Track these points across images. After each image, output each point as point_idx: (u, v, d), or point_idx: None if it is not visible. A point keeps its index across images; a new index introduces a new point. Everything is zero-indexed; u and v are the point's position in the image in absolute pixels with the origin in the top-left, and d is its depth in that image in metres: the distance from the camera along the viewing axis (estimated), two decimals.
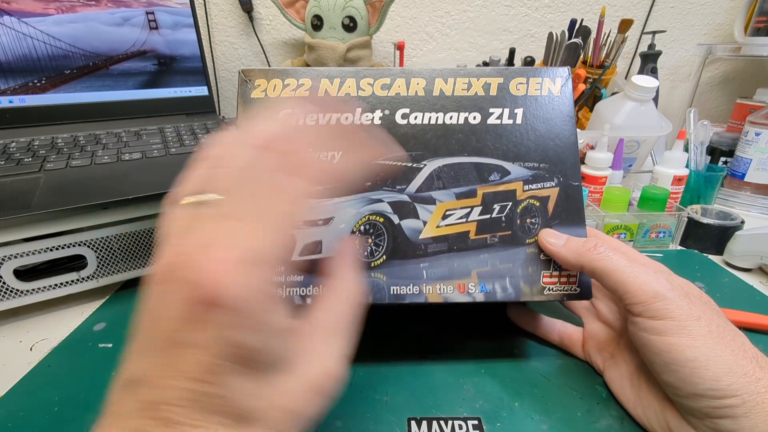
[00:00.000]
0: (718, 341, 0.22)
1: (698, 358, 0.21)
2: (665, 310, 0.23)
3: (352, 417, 0.27)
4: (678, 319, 0.23)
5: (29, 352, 0.33)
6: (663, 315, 0.23)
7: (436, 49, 0.86)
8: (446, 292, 0.28)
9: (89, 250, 0.38)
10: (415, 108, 0.29)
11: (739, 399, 0.20)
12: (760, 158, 0.60)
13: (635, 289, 0.24)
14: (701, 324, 0.22)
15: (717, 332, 0.22)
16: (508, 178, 0.29)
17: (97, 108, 0.57)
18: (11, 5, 0.51)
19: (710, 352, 0.21)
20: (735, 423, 0.20)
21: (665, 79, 0.90)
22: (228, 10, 0.79)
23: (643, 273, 0.24)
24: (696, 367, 0.21)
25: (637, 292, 0.24)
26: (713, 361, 0.21)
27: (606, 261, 0.25)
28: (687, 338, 0.22)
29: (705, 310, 0.23)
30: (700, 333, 0.22)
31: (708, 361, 0.21)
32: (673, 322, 0.23)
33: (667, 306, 0.23)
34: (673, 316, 0.23)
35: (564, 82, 0.30)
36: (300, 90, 0.29)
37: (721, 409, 0.21)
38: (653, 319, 0.23)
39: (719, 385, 0.21)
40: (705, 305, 0.24)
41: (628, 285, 0.24)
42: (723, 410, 0.21)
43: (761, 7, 0.70)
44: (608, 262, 0.25)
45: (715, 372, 0.21)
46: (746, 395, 0.20)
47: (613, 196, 0.49)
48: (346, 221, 0.28)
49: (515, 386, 0.29)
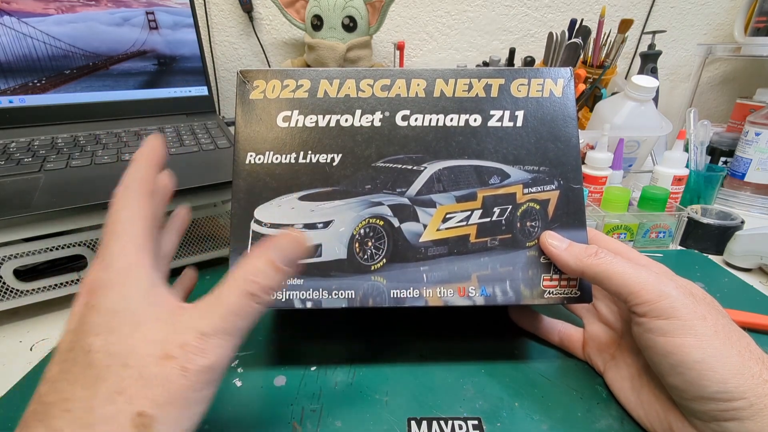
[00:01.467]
0: (725, 342, 0.22)
1: (705, 359, 0.21)
2: (671, 309, 0.23)
3: (352, 417, 0.27)
4: (684, 319, 0.22)
5: (29, 352, 0.33)
6: (669, 314, 0.23)
7: (436, 49, 0.86)
8: (446, 296, 0.28)
9: (89, 250, 0.38)
10: (416, 110, 0.29)
11: (747, 402, 0.20)
12: (760, 158, 0.60)
13: (639, 289, 0.24)
14: (707, 324, 0.22)
15: (723, 333, 0.22)
16: (508, 181, 0.29)
17: (97, 108, 0.57)
18: (11, 5, 0.51)
19: (717, 354, 0.21)
20: (741, 425, 0.20)
21: (665, 79, 0.90)
22: (228, 10, 0.79)
23: (646, 273, 0.24)
24: (703, 370, 0.21)
25: (641, 292, 0.24)
26: (720, 363, 0.21)
27: (607, 265, 0.25)
28: (693, 338, 0.22)
29: (710, 309, 0.23)
30: (706, 333, 0.22)
31: (715, 363, 0.21)
32: (679, 322, 0.22)
33: (673, 304, 0.23)
34: (679, 315, 0.22)
35: (566, 83, 0.30)
36: (299, 91, 0.29)
37: (727, 412, 0.21)
38: (659, 319, 0.23)
39: (727, 387, 0.20)
40: (709, 305, 0.24)
41: (632, 286, 0.24)
42: (729, 413, 0.20)
43: (761, 7, 0.70)
44: (609, 265, 0.25)
45: (722, 374, 0.21)
46: (753, 398, 0.20)
47: (613, 196, 0.49)
48: (345, 224, 0.28)
49: (515, 386, 0.29)
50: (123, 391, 0.17)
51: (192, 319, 0.19)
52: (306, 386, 0.29)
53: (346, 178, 0.28)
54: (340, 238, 0.28)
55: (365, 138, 0.29)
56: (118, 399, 0.17)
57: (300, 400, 0.28)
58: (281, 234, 0.21)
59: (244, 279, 0.20)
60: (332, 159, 0.28)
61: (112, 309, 0.19)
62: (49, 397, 0.17)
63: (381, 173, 0.29)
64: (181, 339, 0.18)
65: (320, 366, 0.31)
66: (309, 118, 0.29)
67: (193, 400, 0.18)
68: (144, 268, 0.20)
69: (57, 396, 0.17)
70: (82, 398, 0.17)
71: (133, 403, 0.17)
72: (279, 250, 0.21)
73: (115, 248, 0.20)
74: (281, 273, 0.21)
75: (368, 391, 0.29)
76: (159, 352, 0.18)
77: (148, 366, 0.17)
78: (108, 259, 0.20)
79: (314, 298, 0.27)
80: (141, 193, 0.22)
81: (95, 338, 0.18)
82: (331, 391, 0.29)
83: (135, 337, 0.18)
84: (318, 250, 0.28)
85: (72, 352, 0.18)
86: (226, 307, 0.19)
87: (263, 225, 0.28)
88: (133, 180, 0.23)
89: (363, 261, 0.28)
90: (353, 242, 0.28)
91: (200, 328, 0.18)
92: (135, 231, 0.21)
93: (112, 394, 0.17)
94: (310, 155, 0.28)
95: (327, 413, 0.27)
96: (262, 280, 0.20)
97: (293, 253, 0.21)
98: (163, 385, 0.17)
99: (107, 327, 0.18)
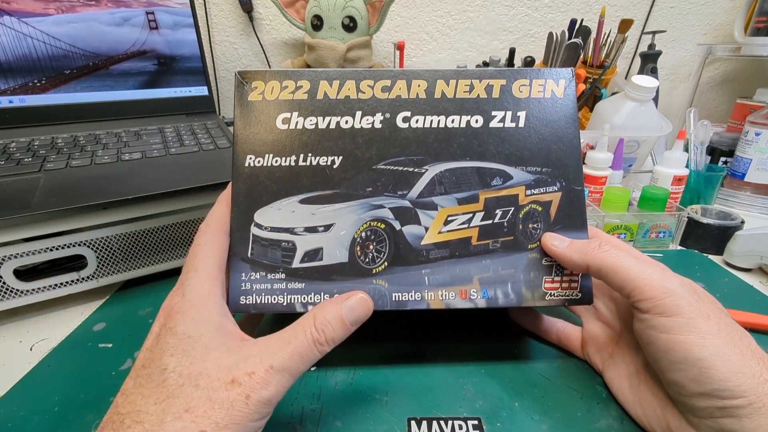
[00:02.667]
0: (728, 341, 0.22)
1: (707, 357, 0.21)
2: (675, 306, 0.23)
3: (352, 417, 0.27)
4: (687, 317, 0.22)
5: (29, 352, 0.33)
6: (672, 311, 0.22)
7: (436, 49, 0.86)
8: (448, 298, 0.28)
9: (89, 250, 0.38)
10: (417, 111, 0.29)
11: (746, 400, 0.20)
12: (760, 158, 0.60)
13: (644, 285, 0.23)
14: (710, 323, 0.22)
15: (726, 331, 0.22)
16: (510, 182, 0.29)
17: (97, 108, 0.57)
18: (11, 5, 0.51)
19: (719, 352, 0.21)
20: (738, 423, 0.20)
21: (665, 79, 0.90)
22: (228, 10, 0.79)
23: (651, 269, 0.24)
24: (704, 367, 0.21)
25: (645, 288, 0.23)
26: (722, 362, 0.21)
27: (612, 258, 0.25)
28: (696, 336, 0.22)
29: (713, 308, 0.23)
30: (709, 332, 0.22)
31: (717, 361, 0.21)
32: (682, 320, 0.22)
33: (677, 302, 0.23)
34: (683, 313, 0.22)
35: (567, 83, 0.30)
36: (298, 92, 0.29)
37: (725, 409, 0.21)
38: (662, 316, 0.23)
39: (727, 385, 0.21)
40: (712, 304, 0.24)
41: (637, 281, 0.24)
42: (728, 410, 0.21)
43: (761, 7, 0.70)
44: (615, 259, 0.25)
45: (723, 373, 0.21)
46: (753, 396, 0.20)
47: (613, 196, 0.49)
48: (347, 228, 0.28)
49: (515, 386, 0.29)
50: (191, 410, 0.19)
51: (261, 352, 0.21)
52: (306, 386, 0.29)
53: (347, 181, 0.28)
54: (342, 242, 0.27)
55: (366, 140, 0.29)
56: (186, 416, 0.18)
57: (300, 400, 0.28)
58: (354, 295, 0.24)
59: (314, 327, 0.22)
60: (332, 161, 0.28)
61: (187, 333, 0.21)
62: (123, 408, 0.19)
63: (382, 176, 0.28)
64: (250, 368, 0.20)
65: (320, 366, 0.31)
66: (309, 120, 0.29)
67: (248, 429, 0.19)
68: (215, 298, 0.23)
69: (131, 408, 0.19)
70: (154, 412, 0.19)
71: (198, 423, 0.18)
72: (349, 308, 0.23)
73: (193, 279, 0.23)
74: (346, 330, 0.23)
75: (368, 391, 0.29)
76: (227, 378, 0.19)
77: (217, 390, 0.19)
78: (185, 288, 0.23)
79: (316, 302, 0.27)
80: (218, 232, 0.26)
81: (170, 359, 0.20)
82: (331, 391, 0.29)
83: (207, 361, 0.20)
84: (319, 254, 0.27)
85: (147, 369, 0.20)
86: (294, 348, 0.21)
87: (263, 229, 0.27)
88: (214, 219, 0.27)
89: (364, 264, 0.27)
90: (354, 246, 0.28)
91: (269, 362, 0.20)
92: (210, 265, 0.24)
93: (181, 411, 0.18)
94: (310, 158, 0.28)
95: (327, 413, 0.27)
96: (329, 332, 0.22)
97: (361, 313, 0.24)
98: (227, 410, 0.19)
99: (182, 349, 0.20)
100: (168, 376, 0.20)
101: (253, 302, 0.27)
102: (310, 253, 0.27)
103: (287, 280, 0.27)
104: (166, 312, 0.22)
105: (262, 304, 0.27)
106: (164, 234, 0.41)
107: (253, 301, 0.27)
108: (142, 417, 0.18)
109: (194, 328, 0.21)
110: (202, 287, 0.23)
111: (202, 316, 0.22)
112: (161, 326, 0.22)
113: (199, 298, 0.22)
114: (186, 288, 0.23)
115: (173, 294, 0.23)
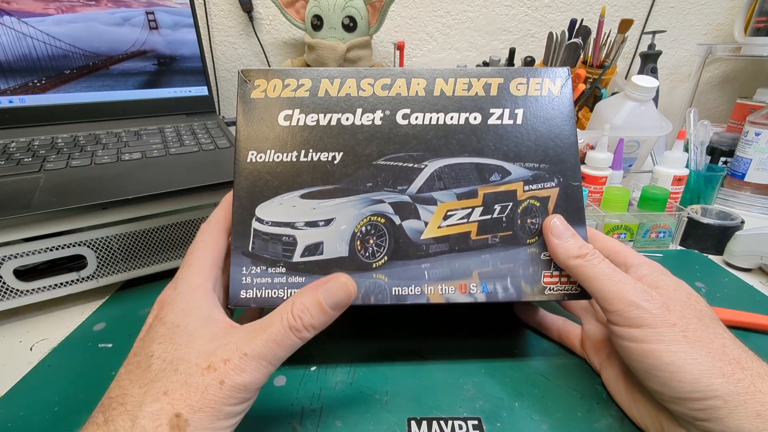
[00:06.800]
0: (693, 344, 0.22)
1: (675, 362, 0.22)
2: (639, 319, 0.23)
3: (352, 417, 0.27)
4: (652, 327, 0.23)
5: (29, 352, 0.33)
6: (637, 323, 0.23)
7: (436, 49, 0.86)
8: (448, 293, 0.28)
9: (89, 250, 0.38)
10: (416, 108, 0.29)
11: (721, 400, 0.21)
12: (760, 158, 0.60)
13: (612, 298, 0.24)
14: (676, 330, 0.23)
15: (693, 336, 0.23)
16: (508, 178, 0.29)
17: (97, 108, 0.57)
18: (11, 5, 0.51)
19: (686, 356, 0.22)
20: (722, 424, 0.21)
21: (665, 79, 0.90)
22: (228, 10, 0.79)
23: (622, 282, 0.25)
24: (674, 371, 0.22)
25: (613, 300, 0.24)
26: (689, 364, 0.22)
27: (588, 269, 0.25)
28: (663, 344, 0.22)
29: (683, 316, 0.23)
30: (675, 338, 0.22)
31: (684, 364, 0.22)
32: (648, 330, 0.23)
33: (641, 315, 0.23)
34: (647, 323, 0.23)
35: (564, 82, 0.30)
36: (300, 90, 0.29)
37: (705, 411, 0.21)
38: (629, 327, 0.24)
39: (699, 386, 0.21)
40: (685, 310, 0.24)
41: (606, 293, 0.25)
42: (707, 412, 0.21)
43: (761, 7, 0.70)
44: (591, 269, 0.25)
45: (692, 374, 0.21)
46: (727, 396, 0.21)
47: (613, 196, 0.49)
48: (347, 222, 0.28)
49: (515, 386, 0.29)
50: (168, 393, 0.19)
51: (239, 339, 0.21)
52: (306, 386, 0.29)
53: (348, 176, 0.28)
54: (342, 236, 0.28)
55: (366, 136, 0.29)
56: (163, 399, 0.19)
57: (300, 400, 0.28)
58: (333, 277, 0.23)
59: (290, 313, 0.22)
60: (333, 157, 0.29)
61: (175, 323, 0.22)
62: (113, 392, 0.20)
63: (382, 171, 0.29)
64: (226, 354, 0.20)
65: (320, 366, 0.31)
66: (310, 117, 0.29)
67: (223, 413, 0.20)
68: (205, 291, 0.24)
69: (119, 392, 0.20)
70: (137, 395, 0.20)
71: (174, 405, 0.19)
72: (328, 292, 0.23)
73: (186, 273, 0.24)
74: (326, 315, 0.23)
75: (368, 391, 0.29)
76: (204, 363, 0.20)
77: (193, 375, 0.20)
78: (178, 282, 0.24)
79: None
80: (218, 230, 0.27)
81: (157, 346, 0.21)
82: (331, 391, 0.29)
83: (189, 348, 0.21)
84: (319, 248, 0.28)
85: (137, 357, 0.21)
86: (269, 335, 0.21)
87: (264, 223, 0.28)
88: (214, 218, 0.28)
89: (364, 259, 0.28)
90: (355, 240, 0.28)
91: (244, 349, 0.21)
92: (204, 261, 0.25)
93: (159, 394, 0.19)
94: (311, 153, 0.28)
95: (327, 413, 0.27)
96: (307, 318, 0.22)
97: (341, 298, 0.23)
98: (201, 393, 0.19)
99: (168, 337, 0.21)
100: (153, 362, 0.21)
101: (254, 296, 0.27)
102: (310, 248, 0.27)
103: (288, 274, 0.27)
104: (159, 304, 0.24)
105: (263, 297, 0.27)
106: (164, 234, 0.41)
107: (254, 295, 0.27)
108: (126, 399, 0.20)
109: (182, 318, 0.22)
110: (193, 281, 0.24)
111: (191, 307, 0.23)
112: (154, 317, 0.23)
113: (189, 290, 0.23)
114: (179, 282, 0.24)
115: (167, 288, 0.24)
